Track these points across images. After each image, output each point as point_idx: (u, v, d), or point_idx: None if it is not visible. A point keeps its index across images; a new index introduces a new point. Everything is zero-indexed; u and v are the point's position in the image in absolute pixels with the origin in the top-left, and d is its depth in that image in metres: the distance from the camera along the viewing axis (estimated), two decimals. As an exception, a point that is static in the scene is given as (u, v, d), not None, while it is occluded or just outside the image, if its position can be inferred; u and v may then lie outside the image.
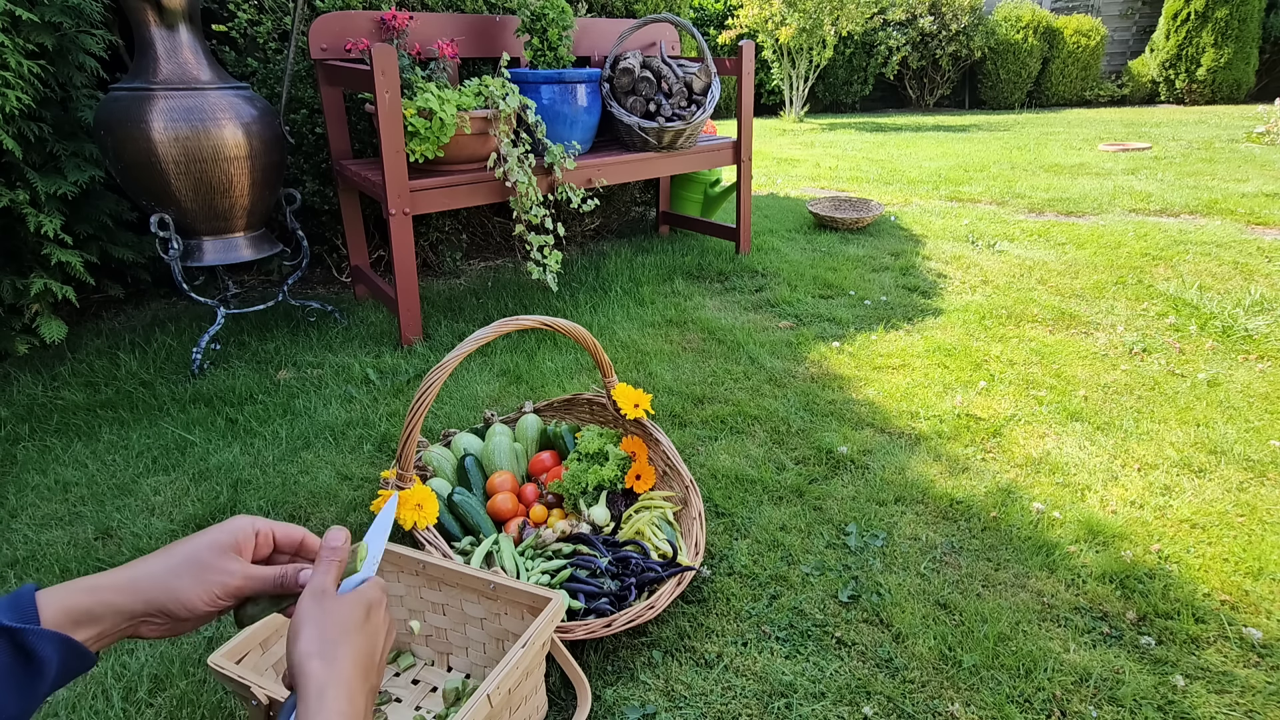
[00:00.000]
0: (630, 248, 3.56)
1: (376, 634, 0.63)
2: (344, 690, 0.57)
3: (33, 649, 0.52)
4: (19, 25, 2.04)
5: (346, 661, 0.58)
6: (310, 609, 0.61)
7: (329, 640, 0.59)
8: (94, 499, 1.66)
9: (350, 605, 0.62)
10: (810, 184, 5.23)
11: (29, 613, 0.54)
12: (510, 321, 1.32)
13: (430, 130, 2.25)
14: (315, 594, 0.62)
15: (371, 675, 0.61)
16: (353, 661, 0.59)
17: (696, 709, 1.14)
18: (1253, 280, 2.90)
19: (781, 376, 2.21)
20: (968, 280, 3.05)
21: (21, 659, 0.52)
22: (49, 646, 0.53)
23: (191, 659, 1.22)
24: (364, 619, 0.62)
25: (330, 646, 0.59)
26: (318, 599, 0.62)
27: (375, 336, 2.53)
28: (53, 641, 0.54)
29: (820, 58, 9.14)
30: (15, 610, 0.54)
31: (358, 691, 0.58)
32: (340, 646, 0.59)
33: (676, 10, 3.79)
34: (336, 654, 0.58)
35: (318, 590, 0.62)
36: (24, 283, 2.17)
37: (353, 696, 0.57)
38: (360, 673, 0.59)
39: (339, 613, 0.61)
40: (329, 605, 0.62)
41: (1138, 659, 1.21)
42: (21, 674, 0.52)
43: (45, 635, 0.53)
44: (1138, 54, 11.34)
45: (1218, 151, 5.87)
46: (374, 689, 0.61)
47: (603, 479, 1.53)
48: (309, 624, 0.60)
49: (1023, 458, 1.78)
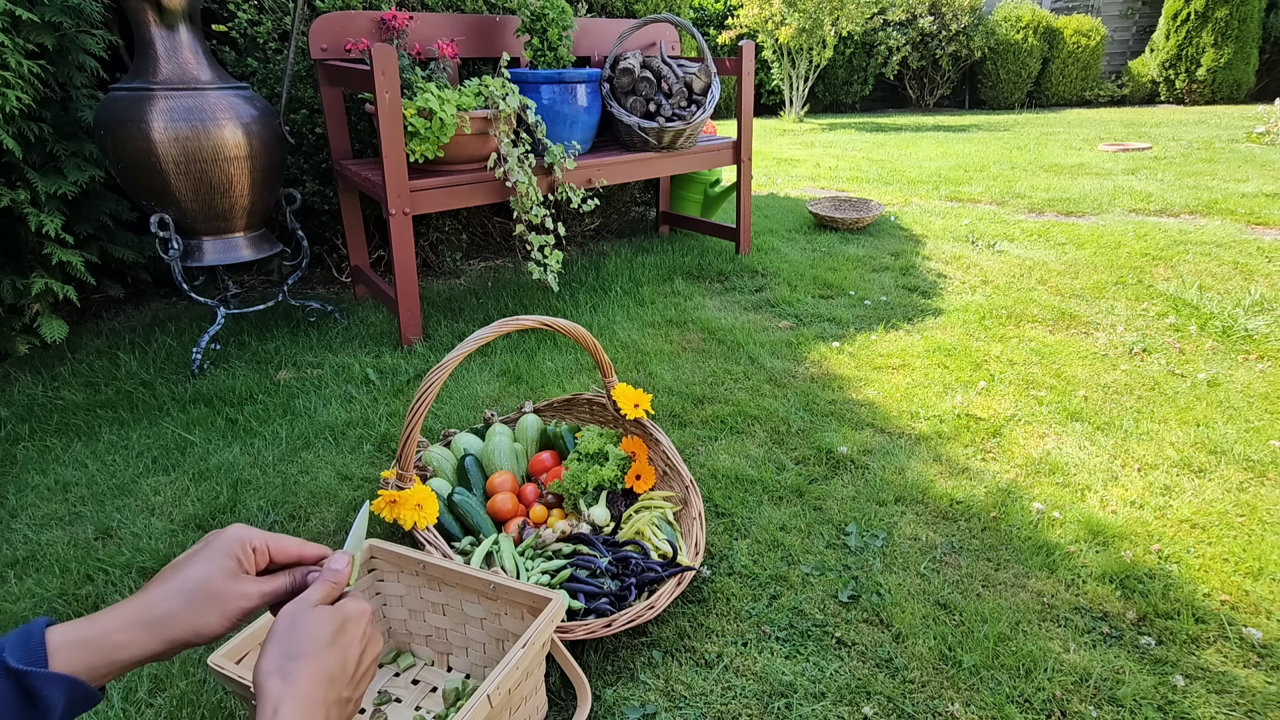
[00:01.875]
0: (630, 248, 3.55)
1: (348, 648, 0.62)
2: (299, 706, 0.56)
3: (38, 693, 0.52)
4: (19, 25, 2.04)
5: (306, 678, 0.58)
6: (280, 625, 0.60)
7: (291, 656, 0.58)
8: (94, 499, 1.66)
9: (321, 620, 0.61)
10: (810, 184, 5.23)
11: (38, 654, 0.53)
12: (510, 321, 1.32)
13: (430, 130, 2.25)
14: (292, 610, 0.62)
15: (342, 689, 0.60)
16: (315, 678, 0.58)
17: (696, 709, 1.14)
18: (1253, 280, 2.90)
19: (781, 376, 2.21)
20: (968, 280, 3.05)
21: (26, 702, 0.52)
22: (55, 690, 0.53)
23: (191, 659, 1.22)
24: (335, 633, 0.61)
25: (291, 663, 0.58)
26: (292, 615, 0.61)
27: (375, 336, 2.53)
28: (59, 685, 0.53)
29: (820, 58, 9.13)
30: (24, 649, 0.53)
31: (316, 706, 0.57)
32: (302, 662, 0.58)
33: (676, 10, 3.79)
34: (297, 670, 0.58)
35: (299, 604, 0.62)
36: (24, 283, 2.17)
37: (309, 712, 0.56)
38: (323, 688, 0.58)
39: (307, 628, 0.60)
40: (300, 620, 0.61)
41: (1138, 659, 1.21)
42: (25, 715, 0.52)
43: (52, 679, 0.53)
44: (1138, 54, 11.34)
45: (1218, 151, 5.87)
46: (346, 702, 0.61)
47: (603, 479, 1.53)
48: (274, 641, 0.59)
49: (1023, 458, 1.78)
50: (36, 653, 0.53)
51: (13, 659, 0.52)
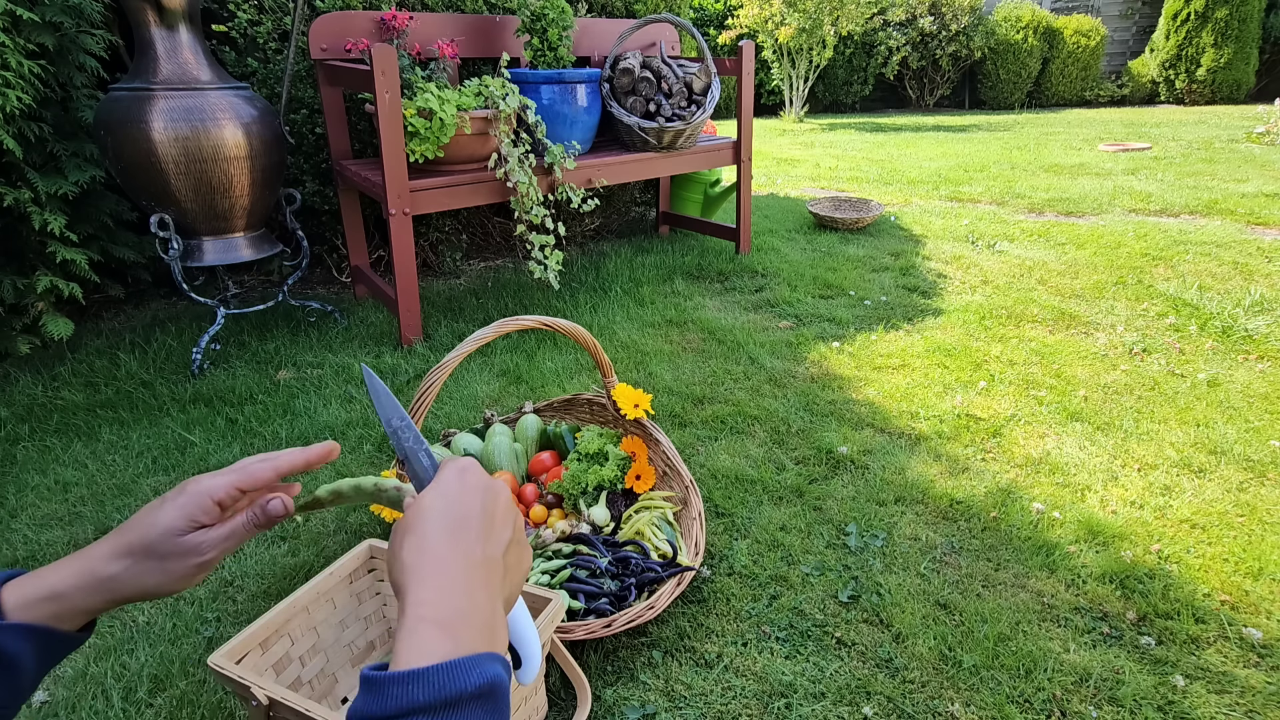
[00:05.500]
0: (630, 248, 3.55)
1: (460, 499, 0.51)
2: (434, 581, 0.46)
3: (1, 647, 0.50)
4: (19, 25, 2.04)
5: (430, 550, 0.48)
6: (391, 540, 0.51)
7: (396, 552, 0.49)
8: (94, 499, 1.66)
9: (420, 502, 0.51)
10: (810, 184, 5.23)
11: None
12: (510, 321, 1.32)
13: (430, 130, 2.25)
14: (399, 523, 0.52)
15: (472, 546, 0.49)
16: (438, 543, 0.48)
17: (696, 709, 1.14)
18: (1253, 280, 2.90)
19: (781, 376, 2.21)
20: (968, 280, 3.05)
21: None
22: (17, 640, 0.51)
23: (191, 659, 1.22)
24: (438, 497, 0.51)
25: (412, 553, 0.48)
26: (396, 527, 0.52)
27: (375, 336, 2.53)
28: (19, 634, 0.51)
29: (820, 58, 9.14)
30: None
31: (454, 576, 0.46)
32: (424, 540, 0.48)
33: (676, 10, 3.79)
34: (421, 547, 0.48)
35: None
36: (26, 282, 2.17)
37: (441, 579, 0.46)
38: (453, 550, 0.48)
39: (410, 516, 0.51)
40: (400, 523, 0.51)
41: (1138, 659, 1.21)
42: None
43: (11, 629, 0.51)
44: (1138, 54, 11.34)
45: (1218, 151, 5.87)
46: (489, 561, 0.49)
47: (603, 479, 1.53)
48: (390, 553, 0.50)
49: (1023, 458, 1.78)
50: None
51: None
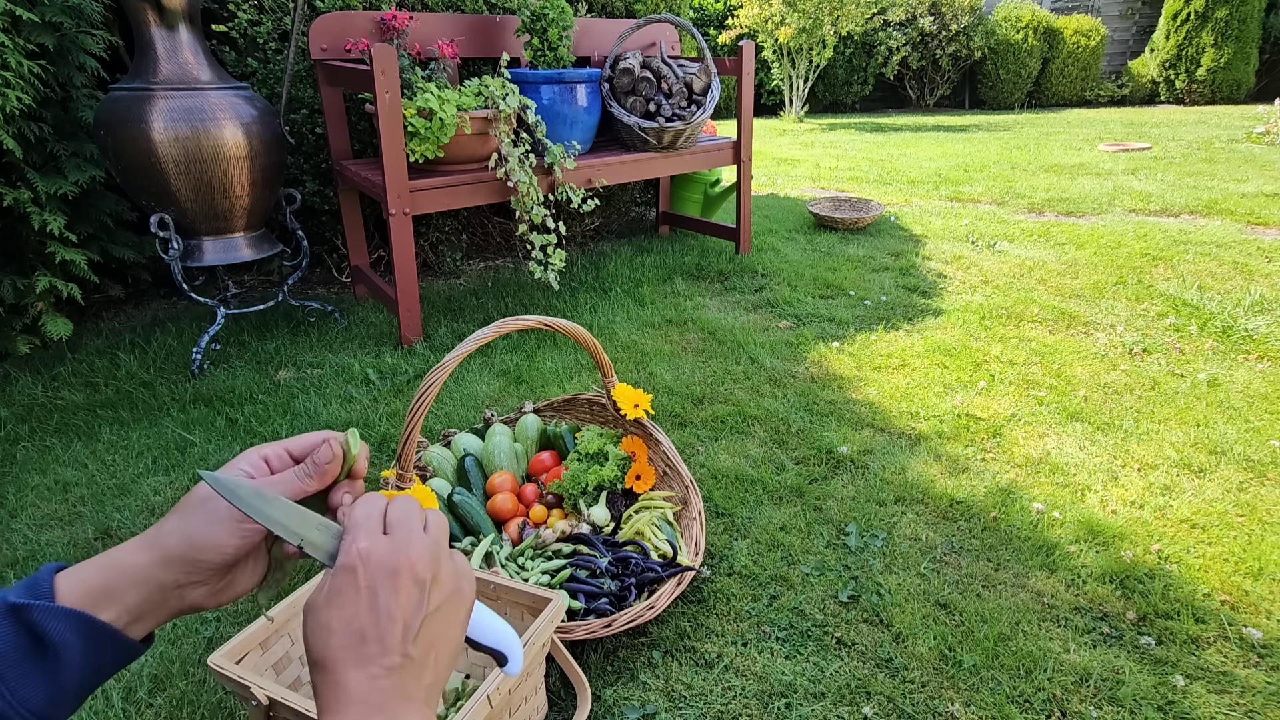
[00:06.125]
0: (630, 248, 3.55)
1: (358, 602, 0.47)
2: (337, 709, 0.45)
3: (43, 629, 0.47)
4: (19, 25, 2.04)
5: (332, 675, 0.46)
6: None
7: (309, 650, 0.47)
8: (94, 499, 1.66)
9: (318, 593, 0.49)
10: (810, 184, 5.23)
11: (43, 591, 0.49)
12: (510, 321, 1.32)
13: (430, 130, 2.25)
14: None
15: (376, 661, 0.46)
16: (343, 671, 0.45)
17: (696, 709, 1.14)
18: (1253, 280, 2.90)
19: (781, 376, 2.21)
20: (968, 280, 3.05)
21: (32, 640, 0.47)
22: (61, 625, 0.48)
23: (191, 659, 1.22)
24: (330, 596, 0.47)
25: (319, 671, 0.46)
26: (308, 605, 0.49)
27: (375, 336, 2.53)
28: (65, 619, 0.48)
29: (820, 58, 9.14)
30: (30, 590, 0.49)
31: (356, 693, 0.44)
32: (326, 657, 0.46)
33: (676, 10, 3.79)
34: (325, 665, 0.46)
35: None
36: (25, 282, 2.17)
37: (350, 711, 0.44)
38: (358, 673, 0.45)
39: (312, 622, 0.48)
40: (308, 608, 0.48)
41: (1138, 659, 1.21)
42: (36, 656, 0.47)
43: (55, 612, 0.48)
44: (1138, 54, 11.34)
45: (1218, 151, 5.87)
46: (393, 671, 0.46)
47: (603, 479, 1.53)
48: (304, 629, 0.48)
49: (1023, 458, 1.78)
50: (42, 590, 0.49)
51: (15, 596, 0.48)
